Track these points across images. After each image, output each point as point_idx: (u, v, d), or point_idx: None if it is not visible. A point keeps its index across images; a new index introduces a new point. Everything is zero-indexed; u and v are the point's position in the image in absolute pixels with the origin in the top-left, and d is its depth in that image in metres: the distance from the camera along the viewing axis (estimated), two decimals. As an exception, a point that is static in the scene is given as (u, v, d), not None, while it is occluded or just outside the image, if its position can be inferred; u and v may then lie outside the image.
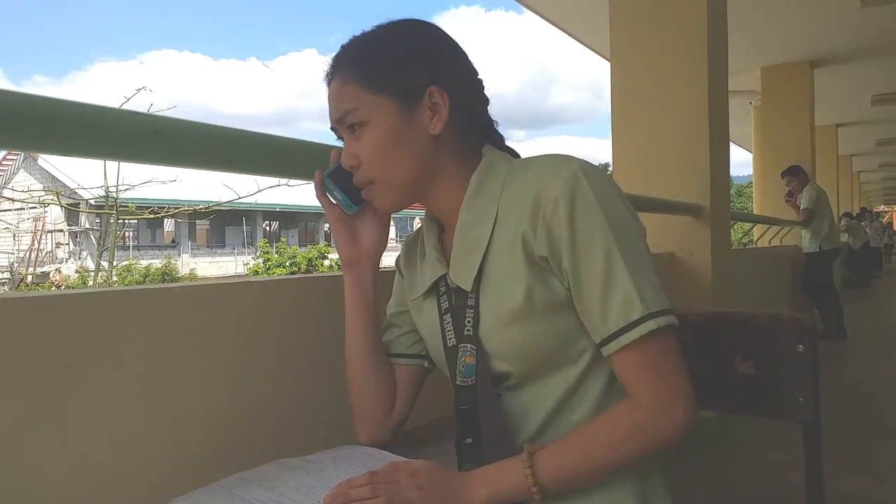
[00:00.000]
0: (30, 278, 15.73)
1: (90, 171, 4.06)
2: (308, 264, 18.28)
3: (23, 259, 18.71)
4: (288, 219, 28.72)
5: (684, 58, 2.96)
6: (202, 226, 26.79)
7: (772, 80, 6.88)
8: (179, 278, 17.14)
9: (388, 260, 0.98)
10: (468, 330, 0.83)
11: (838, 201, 9.76)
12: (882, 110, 8.95)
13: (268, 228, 28.57)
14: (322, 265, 18.44)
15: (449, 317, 0.87)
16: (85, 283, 11.63)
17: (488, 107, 0.91)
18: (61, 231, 21.18)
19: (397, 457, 0.83)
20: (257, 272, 17.84)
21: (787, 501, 2.08)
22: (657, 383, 0.76)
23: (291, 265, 18.14)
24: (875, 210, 23.05)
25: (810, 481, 0.98)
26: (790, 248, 6.53)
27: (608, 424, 0.77)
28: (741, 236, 8.18)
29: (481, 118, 0.90)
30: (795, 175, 5.74)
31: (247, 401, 1.04)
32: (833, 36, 6.18)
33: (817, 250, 5.56)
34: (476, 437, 0.83)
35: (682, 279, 2.96)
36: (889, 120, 9.81)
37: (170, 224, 25.87)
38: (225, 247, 26.78)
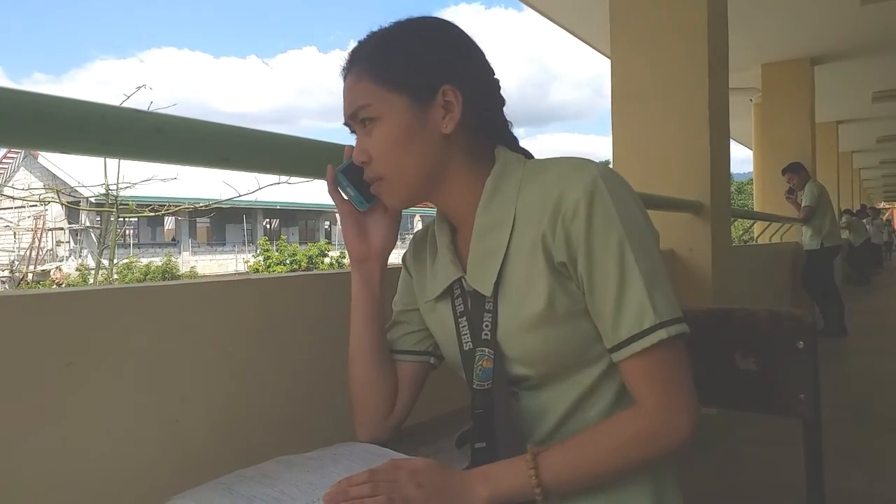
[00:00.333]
0: (30, 276, 15.74)
1: (90, 169, 4.07)
2: (308, 262, 18.27)
3: (23, 257, 18.70)
4: (288, 216, 28.71)
5: (684, 55, 2.95)
6: (203, 223, 26.82)
7: (772, 77, 6.88)
8: (180, 276, 17.14)
9: (392, 258, 0.98)
10: (486, 334, 0.83)
11: (839, 198, 9.76)
12: (882, 107, 8.95)
13: (268, 226, 28.56)
14: (322, 263, 18.44)
15: (465, 320, 0.86)
16: (85, 281, 11.66)
17: (504, 107, 0.90)
18: (62, 229, 21.16)
19: (397, 454, 0.83)
20: (258, 270, 17.84)
21: (787, 497, 2.08)
22: (663, 392, 0.76)
23: (292, 263, 18.13)
24: (875, 207, 23.01)
25: (810, 478, 0.98)
26: (790, 244, 6.53)
27: (613, 430, 0.77)
28: (741, 233, 8.17)
29: (496, 119, 0.90)
30: (796, 172, 5.73)
31: (247, 398, 1.04)
32: (833, 33, 6.17)
33: (818, 247, 5.55)
34: (490, 440, 0.83)
35: (683, 276, 2.96)
36: (890, 116, 9.80)
37: (170, 222, 25.90)
38: (225, 244, 26.76)
